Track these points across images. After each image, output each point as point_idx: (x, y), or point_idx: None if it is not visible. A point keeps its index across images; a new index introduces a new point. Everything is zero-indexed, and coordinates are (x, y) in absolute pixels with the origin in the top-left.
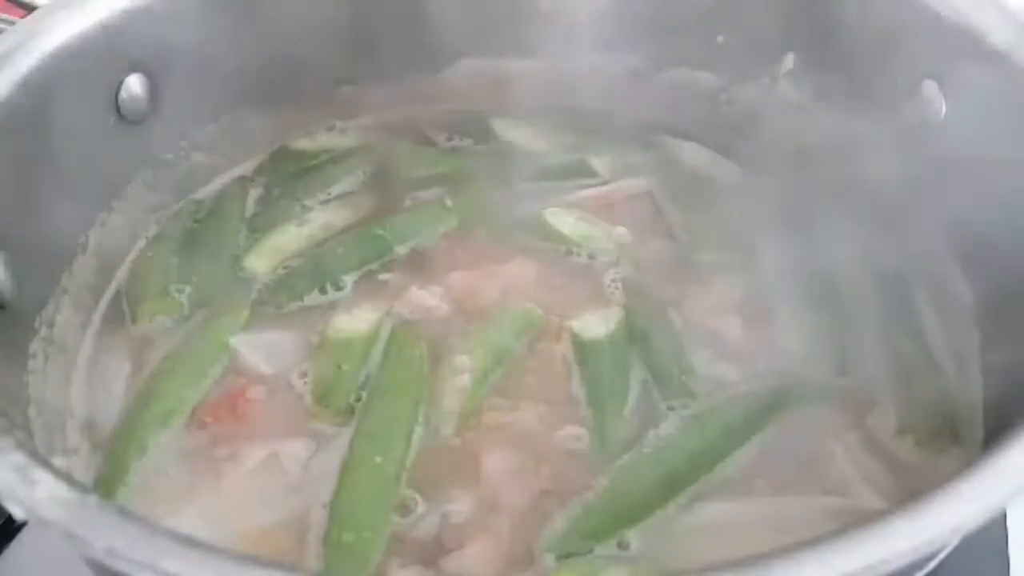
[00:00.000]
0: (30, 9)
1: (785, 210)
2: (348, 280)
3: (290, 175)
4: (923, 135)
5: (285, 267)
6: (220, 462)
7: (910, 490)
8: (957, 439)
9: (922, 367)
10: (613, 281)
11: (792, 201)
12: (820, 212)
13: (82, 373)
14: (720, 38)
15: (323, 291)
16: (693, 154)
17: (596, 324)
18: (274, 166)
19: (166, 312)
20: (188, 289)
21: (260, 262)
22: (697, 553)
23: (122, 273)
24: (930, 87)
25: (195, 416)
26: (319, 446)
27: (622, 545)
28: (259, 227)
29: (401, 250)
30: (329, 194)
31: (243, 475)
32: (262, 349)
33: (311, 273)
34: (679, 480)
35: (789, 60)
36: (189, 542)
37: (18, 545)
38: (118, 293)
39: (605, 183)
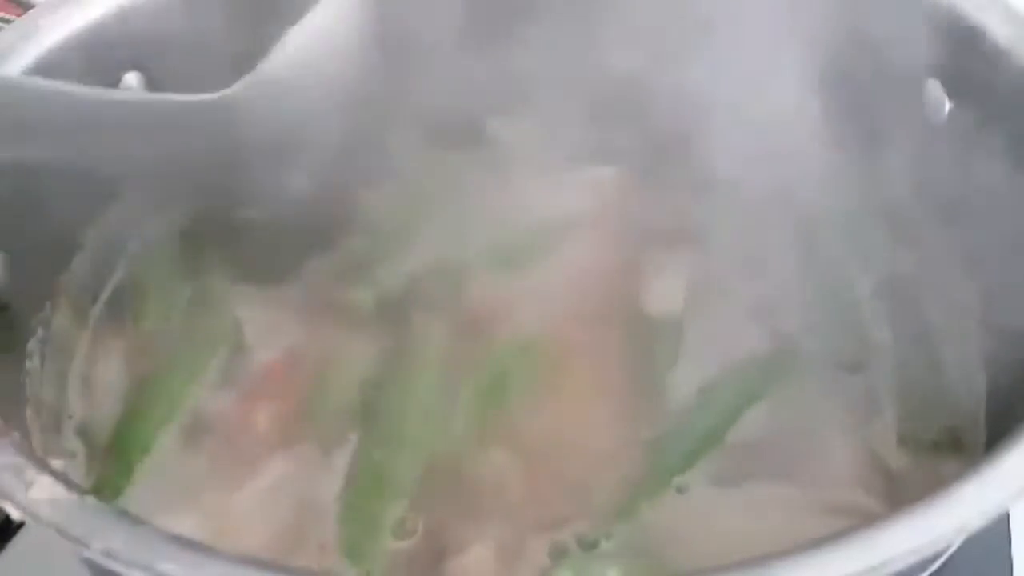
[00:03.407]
0: (27, 7)
1: (785, 210)
2: None
3: None
4: (925, 134)
5: None
6: (222, 464)
7: (908, 498)
8: (959, 448)
9: (926, 371)
10: None
11: (792, 202)
12: (820, 213)
13: (80, 374)
14: (720, 39)
15: None
16: (694, 154)
17: None
18: None
19: (166, 312)
20: (188, 289)
21: None
22: (688, 542)
23: (121, 273)
24: (934, 86)
25: (197, 418)
26: (324, 451)
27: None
28: None
29: None
30: None
31: (243, 478)
32: None
33: None
34: (687, 458)
35: (789, 60)
36: (187, 543)
37: (16, 545)
38: (117, 293)
39: (600, 179)
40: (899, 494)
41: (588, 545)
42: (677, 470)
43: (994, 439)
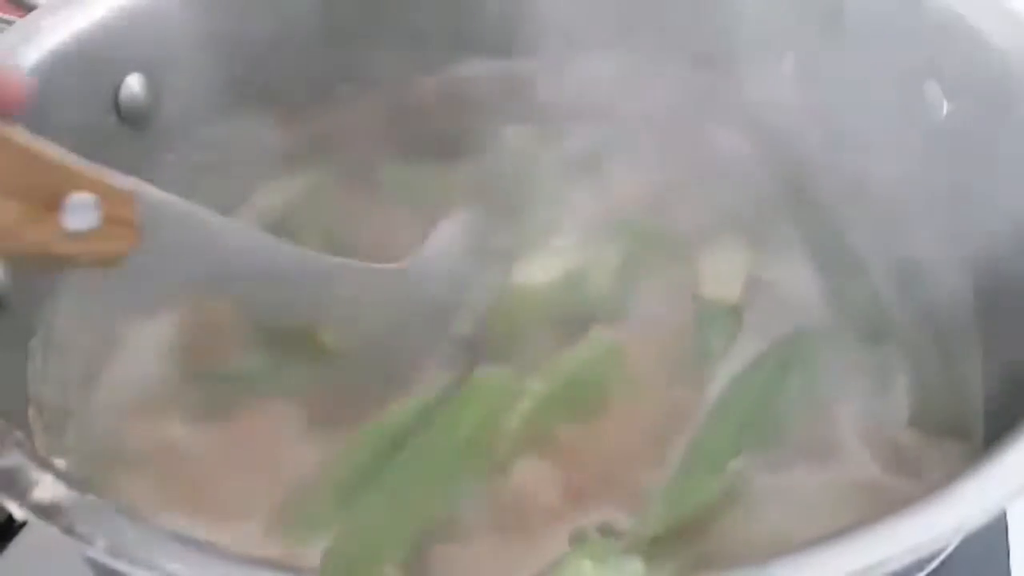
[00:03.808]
0: (30, 9)
1: (786, 211)
2: None
3: None
4: (925, 135)
5: None
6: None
7: (914, 478)
8: (964, 436)
9: (935, 360)
10: None
11: (794, 202)
12: (821, 213)
13: (81, 373)
14: (721, 38)
15: None
16: (697, 153)
17: None
18: None
19: None
20: None
21: None
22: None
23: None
24: (932, 87)
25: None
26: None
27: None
28: None
29: None
30: None
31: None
32: None
33: None
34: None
35: (789, 60)
36: (191, 542)
37: (18, 545)
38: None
39: (611, 181)
40: (918, 475)
41: (610, 533)
42: (728, 455)
43: (992, 437)
